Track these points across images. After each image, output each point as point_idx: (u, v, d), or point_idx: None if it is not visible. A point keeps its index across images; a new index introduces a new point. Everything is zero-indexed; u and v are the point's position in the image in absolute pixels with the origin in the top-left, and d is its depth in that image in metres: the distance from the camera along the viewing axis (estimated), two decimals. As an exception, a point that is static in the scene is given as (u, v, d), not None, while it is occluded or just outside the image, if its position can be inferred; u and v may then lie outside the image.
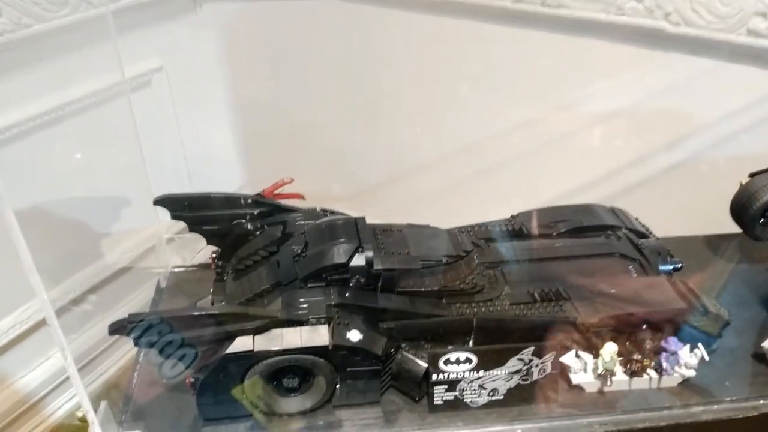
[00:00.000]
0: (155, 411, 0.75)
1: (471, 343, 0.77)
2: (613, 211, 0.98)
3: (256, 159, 2.08)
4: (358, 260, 0.74)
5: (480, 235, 0.91)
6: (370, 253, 0.74)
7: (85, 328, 1.56)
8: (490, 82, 1.82)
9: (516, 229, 0.93)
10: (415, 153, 2.02)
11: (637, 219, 1.00)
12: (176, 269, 0.96)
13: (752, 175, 1.00)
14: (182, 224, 0.88)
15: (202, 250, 1.21)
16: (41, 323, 1.56)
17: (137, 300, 1.59)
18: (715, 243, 1.07)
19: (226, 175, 2.05)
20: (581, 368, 0.78)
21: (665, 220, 1.22)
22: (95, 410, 0.68)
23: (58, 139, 1.46)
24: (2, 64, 1.32)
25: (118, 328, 0.65)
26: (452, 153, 1.94)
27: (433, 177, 2.01)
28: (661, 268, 0.87)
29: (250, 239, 0.84)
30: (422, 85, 1.93)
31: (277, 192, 1.95)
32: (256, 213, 0.85)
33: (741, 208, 0.97)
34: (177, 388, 0.76)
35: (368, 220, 0.80)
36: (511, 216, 0.98)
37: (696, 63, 1.54)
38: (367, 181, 2.16)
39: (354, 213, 2.20)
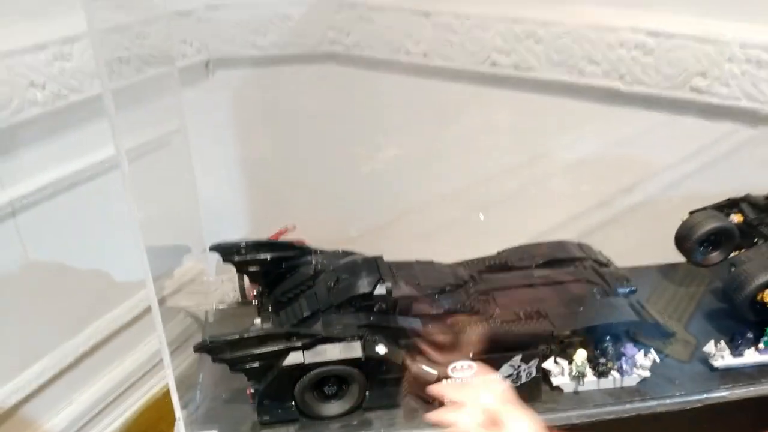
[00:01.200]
0: (221, 415, 0.92)
1: (472, 355, 0.96)
2: (580, 246, 1.20)
3: (264, 210, 2.26)
4: (380, 290, 0.93)
5: (473, 268, 1.11)
6: (389, 284, 0.93)
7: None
8: (471, 135, 2.05)
9: (502, 262, 1.14)
10: (408, 201, 2.22)
11: (600, 252, 1.21)
12: (220, 306, 1.14)
13: (692, 213, 1.22)
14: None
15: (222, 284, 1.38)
16: (66, 369, 1.70)
17: (178, 329, 1.73)
18: (665, 271, 1.29)
19: (236, 224, 2.23)
20: (559, 372, 0.98)
21: (625, 252, 1.43)
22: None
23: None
24: (40, 132, 1.51)
25: (201, 347, 0.83)
26: (442, 199, 2.15)
27: (426, 220, 2.21)
28: (619, 290, 1.07)
29: (287, 278, 1.02)
30: (413, 139, 2.15)
31: (281, 239, 2.14)
32: (291, 255, 1.04)
33: (682, 240, 1.19)
34: (236, 398, 0.93)
35: None
36: (497, 252, 1.19)
37: (649, 117, 1.78)
38: (366, 226, 2.34)
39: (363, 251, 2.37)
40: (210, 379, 0.98)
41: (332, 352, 0.87)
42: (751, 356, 1.03)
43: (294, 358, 0.86)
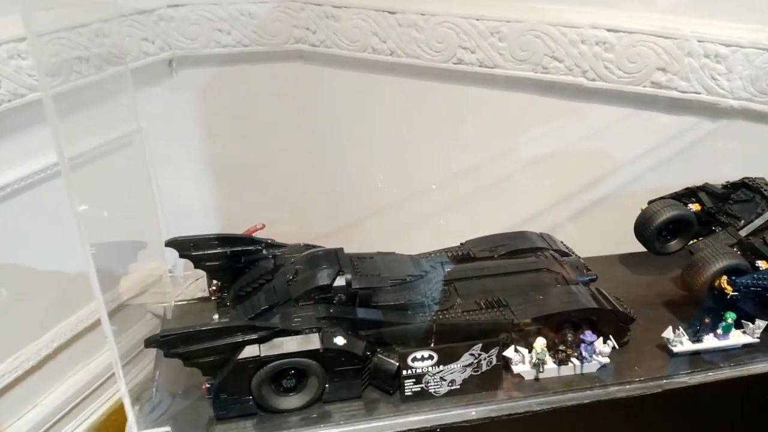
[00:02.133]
0: (177, 412, 0.90)
1: (433, 344, 0.95)
2: (542, 236, 1.20)
3: (231, 209, 2.24)
4: (340, 282, 0.92)
5: (437, 259, 1.11)
6: (348, 276, 0.92)
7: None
8: (439, 132, 2.06)
9: (464, 253, 1.13)
10: (377, 195, 2.22)
11: (561, 242, 1.22)
12: (179, 302, 1.11)
13: (650, 202, 1.24)
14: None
15: (191, 284, 1.35)
16: (29, 372, 1.66)
17: (144, 330, 1.70)
18: (626, 260, 1.30)
19: (203, 225, 2.20)
20: (520, 360, 0.98)
21: (591, 243, 1.44)
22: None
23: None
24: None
25: (152, 342, 0.81)
26: (412, 195, 2.15)
27: (395, 215, 2.21)
28: (579, 279, 1.08)
29: (246, 272, 1.01)
30: (382, 136, 2.15)
31: (252, 236, 2.10)
32: (250, 249, 1.02)
33: (641, 229, 1.20)
34: (192, 394, 0.91)
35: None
36: (461, 243, 1.18)
37: (612, 111, 1.80)
38: (335, 223, 2.33)
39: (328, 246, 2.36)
40: (167, 376, 0.96)
41: (289, 344, 0.86)
42: (710, 341, 1.04)
43: (250, 351, 0.84)
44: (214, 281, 1.03)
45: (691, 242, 1.17)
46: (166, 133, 2.00)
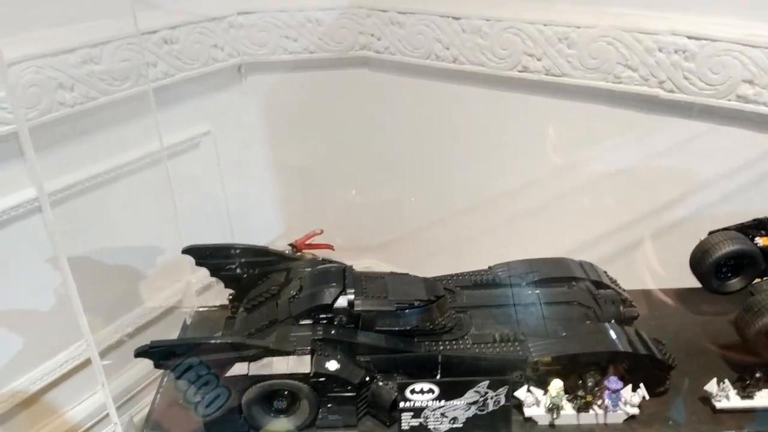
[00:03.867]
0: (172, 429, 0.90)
1: (438, 377, 0.89)
2: (581, 265, 1.09)
3: (293, 213, 2.26)
4: (342, 302, 0.87)
5: (457, 283, 1.04)
6: (351, 296, 0.88)
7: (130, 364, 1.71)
8: (503, 143, 1.96)
9: (490, 279, 1.05)
10: (431, 209, 2.16)
11: (605, 272, 1.10)
12: (201, 309, 1.12)
13: (711, 233, 1.09)
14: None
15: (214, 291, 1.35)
16: (88, 361, 1.72)
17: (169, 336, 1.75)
18: (683, 296, 1.15)
19: (266, 227, 2.24)
20: (533, 402, 0.89)
21: (654, 272, 1.30)
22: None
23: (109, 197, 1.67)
24: (71, 131, 1.55)
25: (141, 352, 0.81)
26: (467, 208, 2.07)
27: (453, 228, 2.14)
28: (616, 315, 0.96)
29: (259, 283, 0.99)
30: (442, 146, 2.08)
31: (308, 242, 2.12)
32: (264, 261, 1.00)
33: (697, 263, 1.05)
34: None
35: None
36: (489, 267, 1.10)
37: (691, 126, 1.63)
38: (392, 233, 2.30)
39: (380, 263, 2.35)
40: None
41: (280, 365, 0.83)
42: (762, 399, 0.89)
43: (238, 369, 0.82)
44: (231, 290, 1.03)
45: (755, 282, 1.01)
46: (231, 137, 2.06)
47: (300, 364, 0.83)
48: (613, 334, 0.90)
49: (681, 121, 1.64)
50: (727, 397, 0.88)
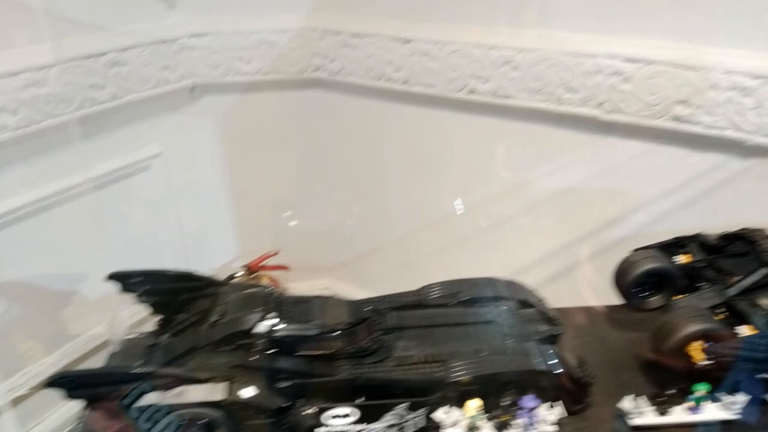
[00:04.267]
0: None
1: (357, 400, 0.89)
2: (509, 284, 1.10)
3: (249, 235, 2.26)
4: (261, 327, 0.88)
5: (388, 304, 1.04)
6: (271, 322, 0.88)
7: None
8: (452, 163, 1.99)
9: (418, 299, 1.06)
10: (387, 228, 2.17)
11: (531, 291, 1.11)
12: (130, 337, 1.10)
13: (635, 251, 1.11)
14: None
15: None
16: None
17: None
18: (614, 313, 1.17)
19: (221, 250, 2.23)
20: (451, 423, 0.89)
21: (597, 289, 1.32)
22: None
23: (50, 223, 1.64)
24: (11, 155, 1.53)
25: (51, 383, 0.80)
26: (421, 228, 2.09)
27: (403, 249, 2.15)
28: (537, 334, 0.98)
29: (186, 309, 0.99)
30: (397, 166, 2.11)
31: (263, 264, 2.11)
32: (190, 286, 1.00)
33: (619, 280, 1.08)
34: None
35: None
36: (420, 288, 1.11)
37: (630, 146, 1.67)
38: (348, 253, 2.31)
39: (339, 283, 2.34)
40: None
41: (193, 393, 0.82)
42: (679, 416, 0.91)
43: (150, 399, 0.81)
44: (158, 317, 1.02)
45: (674, 299, 1.04)
46: (184, 159, 2.05)
47: (214, 391, 0.83)
48: (532, 353, 0.91)
49: (621, 141, 1.68)
50: (642, 414, 0.90)
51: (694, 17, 1.49)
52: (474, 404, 0.86)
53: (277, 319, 0.88)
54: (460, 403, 0.90)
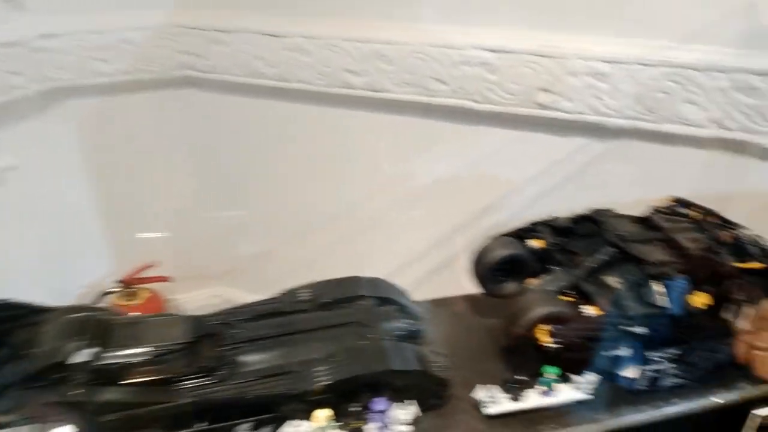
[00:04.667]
0: None
1: (200, 424, 0.82)
2: (371, 281, 1.06)
3: (123, 248, 2.11)
4: (80, 357, 0.79)
5: (241, 315, 0.98)
6: (92, 350, 0.79)
7: None
8: (334, 160, 1.95)
9: (274, 307, 1.00)
10: (274, 229, 2.10)
11: (395, 287, 1.08)
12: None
13: (491, 239, 1.11)
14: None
15: None
16: None
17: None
18: (476, 301, 1.17)
19: (92, 265, 2.07)
20: (302, 436, 0.84)
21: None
22: None
23: None
24: None
25: None
26: (307, 226, 2.04)
27: (292, 249, 2.09)
28: (394, 332, 0.95)
29: (4, 342, 0.87)
30: (279, 165, 2.04)
31: (140, 276, 1.97)
32: (7, 316, 0.89)
33: (475, 268, 1.07)
34: None
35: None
36: (282, 292, 1.05)
37: (503, 134, 1.70)
38: (236, 258, 2.21)
39: (230, 290, 2.23)
40: None
41: (-1, 437, 0.73)
42: (534, 400, 0.91)
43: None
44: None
45: (526, 284, 1.04)
46: (48, 170, 1.88)
47: (23, 433, 0.73)
48: (389, 353, 0.88)
49: (493, 130, 1.70)
50: (496, 402, 0.89)
51: (551, 6, 1.52)
52: (323, 414, 0.82)
53: (101, 346, 0.79)
54: (312, 414, 0.86)
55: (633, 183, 1.61)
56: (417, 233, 1.85)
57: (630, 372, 0.92)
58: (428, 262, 1.85)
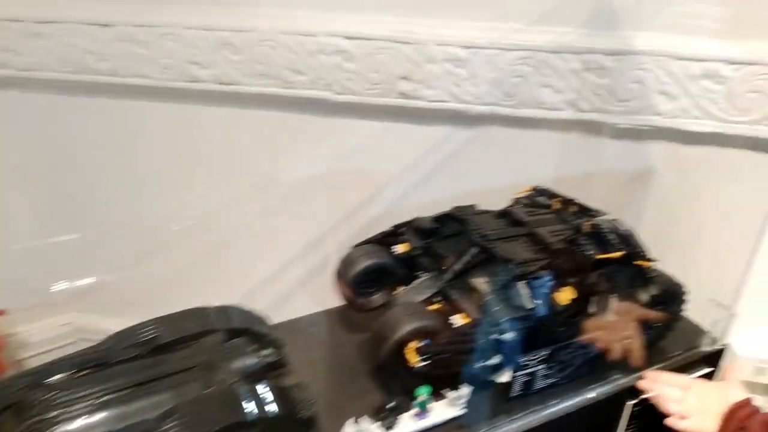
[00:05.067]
0: None
1: None
2: (222, 312, 0.93)
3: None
4: None
5: (55, 372, 0.80)
6: None
7: None
8: (183, 160, 1.76)
9: (101, 356, 0.84)
10: (124, 243, 1.88)
11: (249, 313, 0.96)
12: None
13: (355, 247, 1.02)
14: None
15: None
16: None
17: None
18: (345, 315, 1.07)
19: None
20: None
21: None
22: None
23: None
24: None
25: None
26: (163, 243, 1.84)
27: (149, 265, 1.88)
28: (249, 369, 0.82)
29: None
30: (123, 170, 1.81)
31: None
32: None
33: (337, 282, 0.97)
34: None
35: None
36: (108, 337, 0.88)
37: (368, 127, 1.61)
38: (90, 279, 1.97)
39: (85, 315, 1.96)
40: None
41: None
42: (405, 425, 0.83)
43: None
44: None
45: (395, 293, 0.96)
46: None
47: None
48: (239, 399, 0.76)
49: (357, 122, 1.61)
50: (367, 435, 0.80)
51: (405, -10, 1.44)
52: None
53: None
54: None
55: (500, 169, 1.59)
56: (284, 241, 1.73)
57: (503, 379, 0.88)
58: (299, 271, 1.74)
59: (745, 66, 1.32)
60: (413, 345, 0.82)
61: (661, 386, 0.87)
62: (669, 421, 0.86)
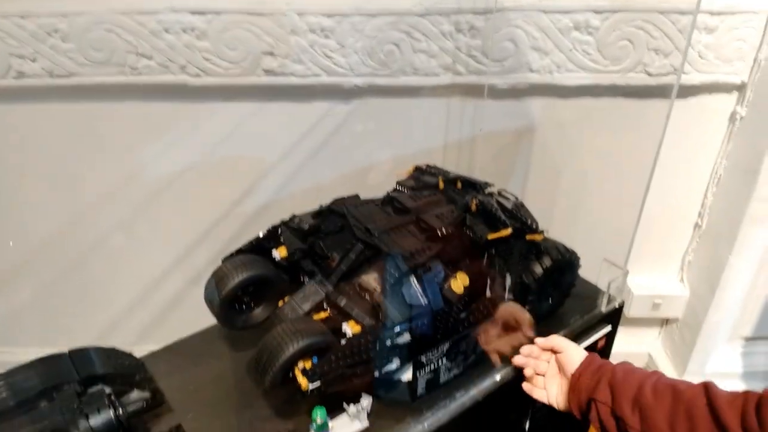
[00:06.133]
0: None
1: None
2: (79, 356, 0.80)
3: None
4: None
5: None
6: None
7: None
8: (33, 173, 1.55)
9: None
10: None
11: (111, 352, 0.84)
12: None
13: (224, 260, 0.91)
14: None
15: None
16: None
17: None
18: (220, 334, 0.97)
19: None
20: None
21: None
22: None
23: None
24: None
25: None
26: (26, 261, 1.64)
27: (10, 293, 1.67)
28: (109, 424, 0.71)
29: None
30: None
31: None
32: None
33: (209, 303, 0.87)
34: None
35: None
36: None
37: (236, 109, 1.48)
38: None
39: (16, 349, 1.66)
40: None
41: None
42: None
43: None
44: None
45: (280, 305, 0.88)
46: None
47: None
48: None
49: (224, 106, 1.48)
50: (259, 477, 0.72)
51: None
52: None
53: None
54: None
55: (385, 142, 1.53)
56: (149, 254, 1.58)
57: (406, 380, 0.83)
58: (179, 279, 1.60)
59: (613, 14, 1.33)
60: (301, 366, 0.74)
61: (536, 361, 0.86)
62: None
